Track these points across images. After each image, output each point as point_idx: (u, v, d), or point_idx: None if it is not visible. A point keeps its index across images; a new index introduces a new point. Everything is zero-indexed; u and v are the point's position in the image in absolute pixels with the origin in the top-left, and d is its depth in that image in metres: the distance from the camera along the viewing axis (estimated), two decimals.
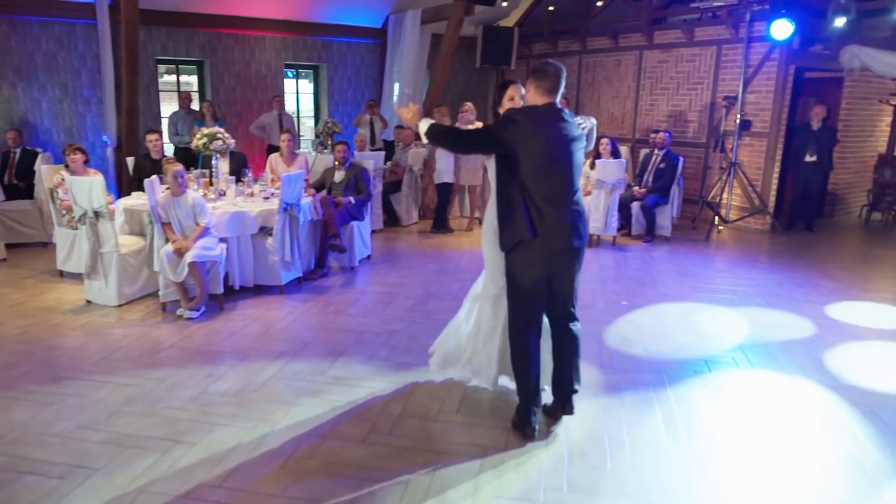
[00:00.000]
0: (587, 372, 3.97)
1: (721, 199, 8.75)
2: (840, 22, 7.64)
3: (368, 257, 6.93)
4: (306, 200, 5.95)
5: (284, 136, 6.65)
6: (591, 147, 3.56)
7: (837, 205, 9.95)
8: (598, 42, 10.86)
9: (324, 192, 6.48)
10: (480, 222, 8.93)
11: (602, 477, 2.93)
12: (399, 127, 9.42)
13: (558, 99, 3.18)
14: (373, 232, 7.72)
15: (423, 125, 3.26)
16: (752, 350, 4.47)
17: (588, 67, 11.14)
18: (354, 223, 6.47)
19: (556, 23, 11.64)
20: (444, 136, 3.35)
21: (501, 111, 3.47)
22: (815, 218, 8.96)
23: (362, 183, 6.50)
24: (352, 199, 6.41)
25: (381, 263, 6.80)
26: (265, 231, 5.62)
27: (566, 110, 3.21)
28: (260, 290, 5.65)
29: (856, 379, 4.02)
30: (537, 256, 3.14)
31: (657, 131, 8.51)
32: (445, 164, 8.10)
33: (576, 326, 3.37)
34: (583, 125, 3.37)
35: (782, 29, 7.61)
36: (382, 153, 8.49)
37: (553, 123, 3.12)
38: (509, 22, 12.26)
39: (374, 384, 3.84)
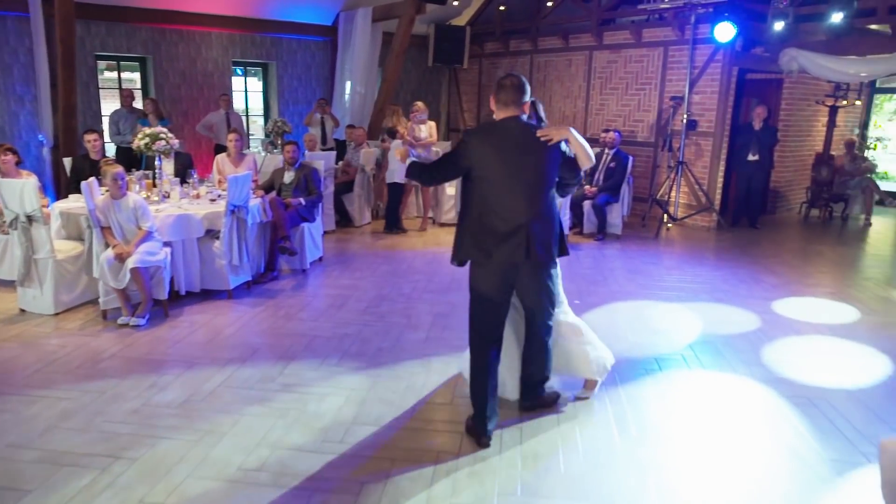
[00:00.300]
0: None
1: (669, 198, 8.94)
2: (779, 26, 7.89)
3: (320, 259, 6.81)
4: (255, 202, 5.81)
5: (232, 136, 6.47)
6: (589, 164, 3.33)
7: (779, 202, 10.30)
8: (548, 42, 10.96)
9: (273, 194, 6.33)
10: (434, 222, 8.99)
11: (556, 479, 2.93)
12: (351, 126, 9.30)
13: (522, 109, 3.14)
14: (325, 233, 7.60)
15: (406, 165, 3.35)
16: (701, 347, 4.57)
17: (539, 67, 11.22)
18: (305, 225, 6.35)
19: (508, 22, 11.69)
20: (417, 174, 3.37)
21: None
22: (758, 215, 9.25)
23: (312, 184, 6.39)
24: (302, 200, 6.29)
25: (334, 265, 6.70)
26: (212, 234, 5.46)
27: (529, 121, 3.19)
28: (207, 294, 5.48)
29: (797, 372, 4.15)
30: (492, 270, 3.16)
31: (607, 130, 8.64)
32: (398, 164, 8.02)
33: (542, 338, 3.40)
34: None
35: (725, 32, 7.82)
36: (334, 153, 8.38)
37: (506, 138, 3.09)
38: (461, 21, 12.26)
39: (326, 390, 3.76)
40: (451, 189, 8.71)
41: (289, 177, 6.41)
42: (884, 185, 10.99)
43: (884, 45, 8.35)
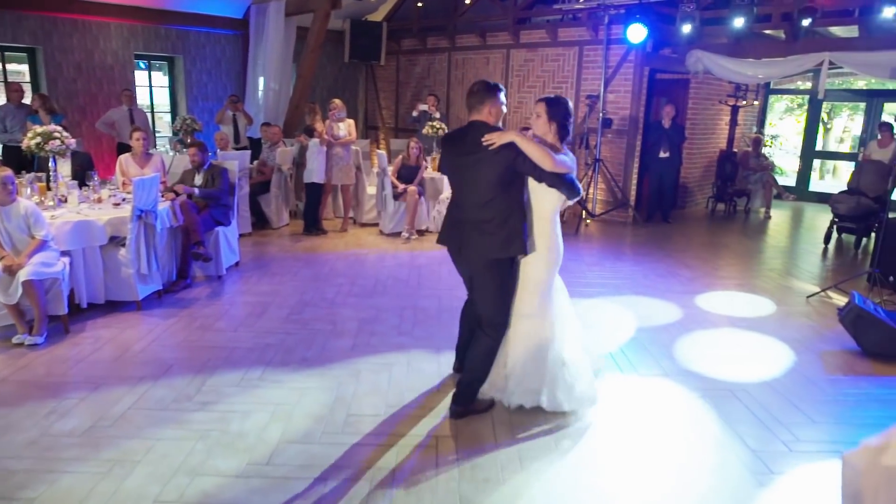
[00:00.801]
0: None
1: (587, 194, 9.15)
2: (686, 28, 8.21)
3: (237, 264, 6.49)
4: (164, 206, 5.44)
5: (137, 134, 6.01)
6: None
7: (688, 197, 10.77)
8: (466, 39, 10.96)
9: (184, 196, 5.96)
10: (355, 222, 8.78)
11: (496, 490, 2.87)
12: (265, 124, 8.93)
13: (488, 113, 3.29)
14: (241, 236, 7.28)
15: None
16: (626, 343, 4.65)
17: (458, 65, 11.21)
18: (220, 229, 6.02)
19: (425, 19, 11.61)
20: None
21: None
22: (670, 210, 9.63)
23: (219, 184, 6.01)
24: (196, 189, 5.89)
25: (252, 270, 6.40)
26: (117, 241, 5.06)
27: (484, 124, 3.28)
28: (113, 306, 5.08)
29: (716, 365, 4.30)
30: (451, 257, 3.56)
31: (526, 129, 8.71)
32: (316, 163, 7.78)
33: (480, 340, 3.43)
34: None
35: (637, 33, 8.06)
36: (248, 152, 8.01)
37: (463, 141, 3.31)
38: (378, 17, 12.07)
39: (249, 407, 3.54)
40: (371, 188, 8.53)
41: (199, 179, 6.04)
42: (780, 181, 11.72)
43: (778, 49, 8.89)
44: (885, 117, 11.25)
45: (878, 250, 5.64)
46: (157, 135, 11.07)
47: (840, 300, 5.79)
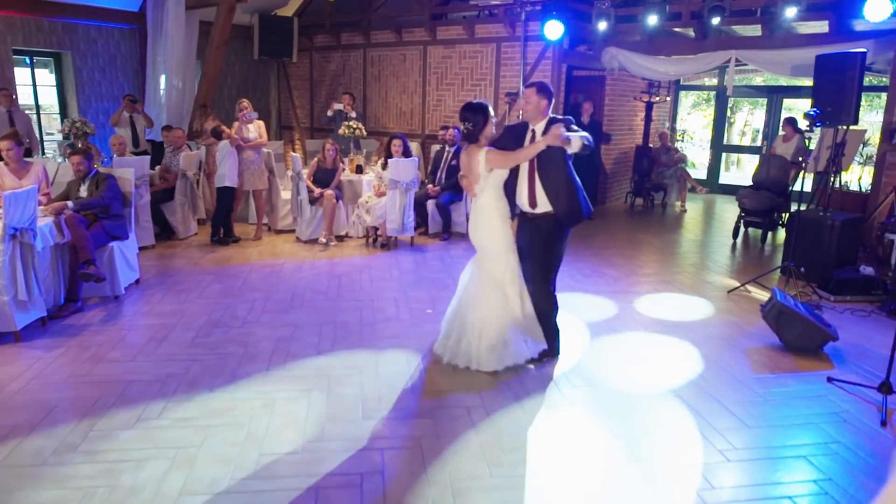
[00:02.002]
0: (392, 394, 3.67)
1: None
2: (602, 25, 8.22)
3: (137, 282, 5.91)
4: (45, 221, 4.84)
5: (4, 144, 5.29)
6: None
7: (608, 192, 10.88)
8: (381, 35, 10.63)
9: (69, 210, 5.34)
10: (270, 229, 8.28)
11: None
12: (167, 127, 8.29)
13: None
14: (142, 249, 6.72)
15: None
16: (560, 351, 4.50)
17: (373, 61, 10.86)
18: (115, 244, 5.44)
19: (338, 14, 11.18)
20: None
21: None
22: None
23: (102, 193, 5.39)
24: (69, 203, 5.23)
25: (154, 287, 5.84)
26: None
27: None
28: None
29: (646, 367, 4.21)
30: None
31: (446, 128, 8.52)
32: (227, 167, 7.26)
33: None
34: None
35: (554, 29, 7.99)
36: (147, 157, 7.37)
37: None
38: (288, 11, 11.53)
39: (145, 453, 3.11)
40: (286, 193, 8.07)
41: (84, 189, 5.43)
42: (692, 173, 12.06)
43: (689, 47, 9.08)
44: (788, 113, 11.78)
45: (792, 244, 5.77)
46: (49, 138, 10.14)
47: (758, 294, 5.90)
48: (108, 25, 9.88)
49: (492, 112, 4.06)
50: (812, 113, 5.41)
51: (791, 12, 7.37)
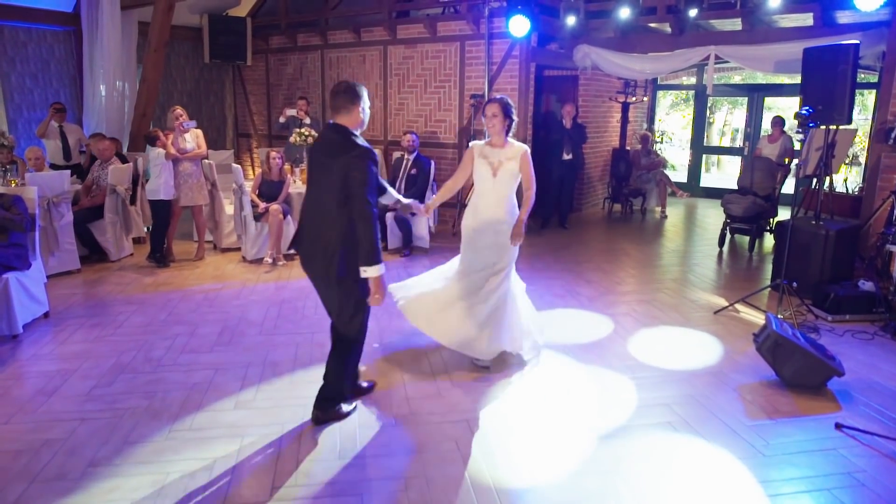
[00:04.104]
0: (315, 464, 2.99)
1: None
2: (571, 20, 7.62)
3: (46, 315, 5.16)
4: None
5: None
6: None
7: (584, 198, 10.28)
8: (339, 36, 9.94)
9: None
10: (216, 247, 7.55)
11: None
12: (96, 135, 7.52)
13: (351, 118, 3.21)
14: (65, 275, 6.02)
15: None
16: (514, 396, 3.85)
17: (331, 63, 10.16)
18: (11, 275, 4.69)
19: (294, 14, 10.48)
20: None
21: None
22: (567, 214, 9.05)
23: (15, 220, 4.72)
24: None
25: (66, 322, 5.10)
26: None
27: (342, 128, 3.19)
28: None
29: (630, 414, 3.57)
30: None
31: (405, 133, 7.89)
32: (162, 179, 6.53)
33: (343, 356, 3.42)
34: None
35: (519, 25, 7.36)
36: (67, 172, 6.60)
37: (316, 145, 3.34)
38: (241, 12, 10.79)
39: None
40: (229, 208, 7.35)
41: None
42: (671, 176, 11.52)
43: (665, 43, 8.51)
44: (770, 112, 11.29)
45: (784, 260, 5.17)
46: None
47: (748, 314, 5.30)
48: (39, 27, 9.07)
49: None
50: (805, 112, 4.83)
51: (774, 3, 6.82)
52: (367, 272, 3.08)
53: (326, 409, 3.46)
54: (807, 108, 4.95)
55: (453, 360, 4.35)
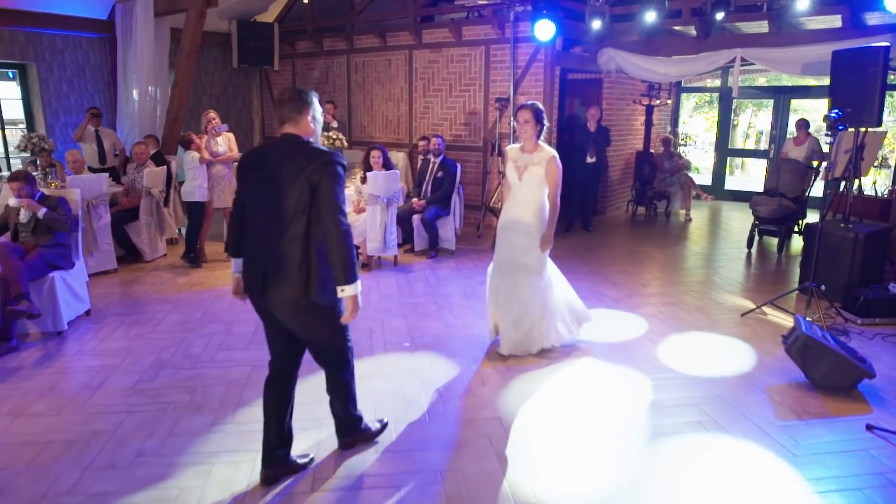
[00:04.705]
0: (351, 458, 3.08)
1: (503, 205, 8.45)
2: (597, 24, 7.66)
3: (87, 313, 5.34)
4: None
5: None
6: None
7: (608, 201, 10.30)
8: (365, 40, 10.08)
9: (4, 238, 4.80)
10: None
11: None
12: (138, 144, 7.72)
13: (301, 128, 2.82)
14: (102, 274, 6.21)
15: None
16: (536, 402, 3.92)
17: (357, 68, 10.31)
18: (57, 273, 4.88)
19: (320, 19, 10.64)
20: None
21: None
22: (591, 217, 9.09)
23: (61, 220, 4.90)
24: (42, 209, 4.85)
25: (107, 319, 5.27)
26: None
27: (296, 137, 2.80)
28: None
29: (660, 415, 3.63)
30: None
31: (426, 138, 8.00)
32: (196, 182, 6.72)
33: (342, 377, 3.14)
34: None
35: (545, 30, 7.41)
36: (105, 175, 6.80)
37: (265, 158, 2.81)
38: (268, 17, 11.00)
39: None
40: None
41: (25, 215, 4.87)
42: (696, 179, 11.49)
43: (690, 46, 8.51)
44: (796, 114, 11.22)
45: (813, 262, 5.17)
46: (11, 156, 9.60)
47: (776, 317, 5.31)
48: (76, 35, 9.35)
49: None
50: (834, 115, 4.84)
51: (803, 5, 6.79)
52: (346, 291, 2.68)
53: (351, 433, 3.25)
54: (836, 110, 4.96)
55: (483, 357, 4.44)
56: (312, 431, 3.43)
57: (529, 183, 4.30)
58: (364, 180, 6.72)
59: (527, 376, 4.17)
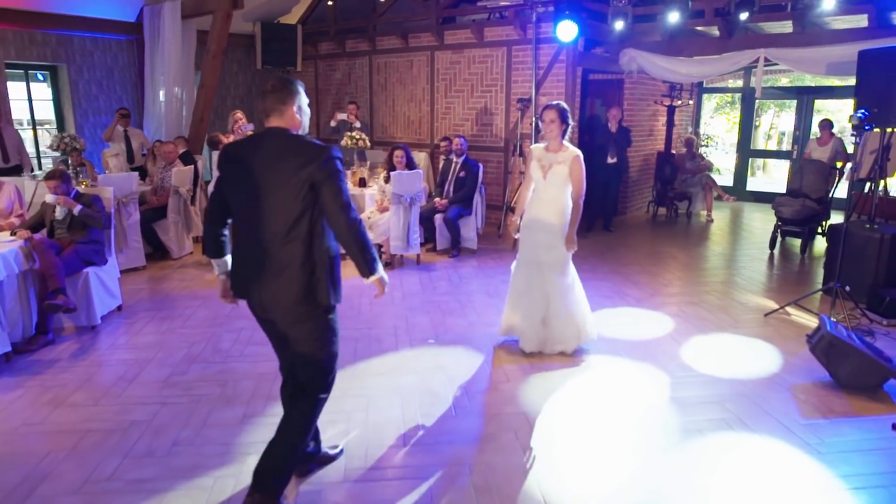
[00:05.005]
0: (379, 449, 3.16)
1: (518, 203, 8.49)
2: (619, 25, 7.67)
3: (119, 309, 5.48)
4: (10, 247, 4.43)
5: None
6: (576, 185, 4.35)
7: (628, 202, 10.30)
8: (387, 42, 10.18)
9: (42, 233, 4.94)
10: None
11: None
12: (159, 141, 7.89)
13: (286, 119, 2.62)
14: (132, 271, 6.34)
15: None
16: (582, 401, 3.97)
17: (379, 69, 10.41)
18: (91, 269, 5.02)
19: (343, 21, 10.77)
20: None
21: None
22: (612, 217, 9.10)
23: (96, 217, 5.04)
24: (78, 206, 4.99)
25: (138, 314, 5.41)
26: None
27: (284, 131, 2.60)
28: None
29: (685, 412, 3.66)
30: (249, 305, 2.75)
31: (448, 139, 8.07)
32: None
33: (298, 407, 2.75)
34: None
35: (567, 30, 7.44)
36: (135, 174, 6.96)
37: (252, 153, 2.58)
38: (291, 19, 11.14)
39: None
40: None
41: (61, 212, 5.02)
42: (717, 180, 11.43)
43: (713, 47, 8.49)
44: (819, 115, 11.11)
45: (838, 262, 5.16)
46: (45, 155, 9.84)
47: (799, 317, 5.30)
48: (105, 37, 9.56)
49: None
50: (860, 115, 4.82)
51: (829, 5, 6.75)
52: (373, 278, 2.67)
53: (269, 495, 2.63)
54: (862, 110, 4.94)
55: (508, 354, 4.50)
56: (342, 424, 3.51)
57: (554, 181, 4.35)
58: (388, 179, 6.80)
59: (550, 373, 4.22)
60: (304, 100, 2.67)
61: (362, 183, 7.67)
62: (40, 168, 9.19)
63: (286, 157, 2.51)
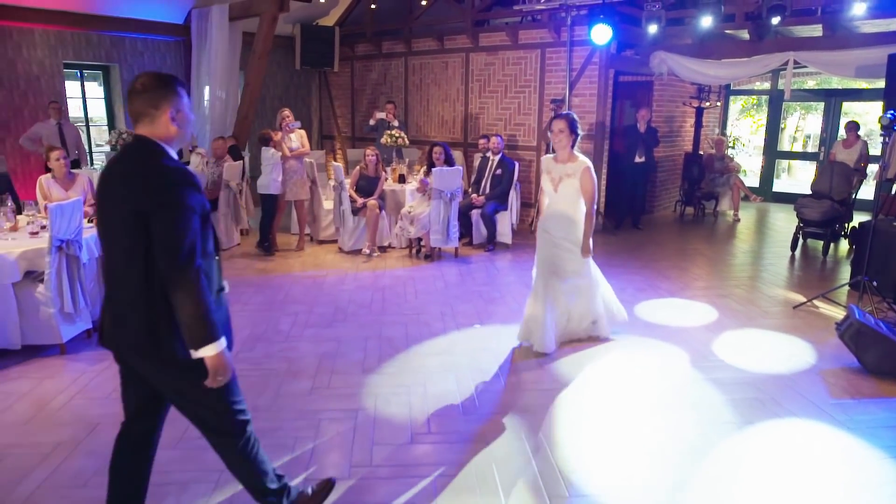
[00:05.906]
0: (442, 415, 3.46)
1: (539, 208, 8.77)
2: (653, 28, 7.92)
3: None
4: (90, 233, 4.81)
5: (55, 154, 5.30)
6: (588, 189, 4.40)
7: (656, 201, 10.52)
8: (423, 43, 10.51)
9: None
10: (312, 239, 8.22)
11: None
12: (219, 138, 8.28)
13: (157, 128, 2.12)
14: None
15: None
16: (611, 380, 4.25)
17: (415, 69, 10.75)
18: None
19: (379, 23, 11.12)
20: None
21: None
22: (640, 216, 9.34)
23: None
24: None
25: None
26: (34, 276, 4.42)
27: (144, 144, 2.12)
28: (31, 352, 4.43)
29: (720, 390, 3.92)
30: None
31: (486, 137, 8.36)
32: (270, 175, 7.22)
33: (233, 453, 2.53)
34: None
35: (602, 34, 7.72)
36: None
37: (106, 169, 2.20)
38: (330, 21, 11.53)
39: (187, 475, 2.99)
40: (328, 203, 7.99)
41: None
42: (744, 181, 11.60)
43: (743, 50, 8.71)
44: (847, 117, 11.24)
45: (866, 258, 5.38)
46: (98, 149, 10.32)
47: (827, 310, 5.53)
48: (154, 38, 10.00)
49: None
50: (890, 116, 5.04)
51: (860, 9, 6.94)
52: (200, 353, 2.11)
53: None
54: (891, 111, 5.16)
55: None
56: (404, 396, 3.83)
57: (565, 193, 4.38)
58: (428, 173, 7.12)
59: (587, 353, 4.50)
60: (184, 103, 2.15)
61: (402, 179, 8.01)
62: (92, 164, 9.65)
63: (120, 178, 2.10)
